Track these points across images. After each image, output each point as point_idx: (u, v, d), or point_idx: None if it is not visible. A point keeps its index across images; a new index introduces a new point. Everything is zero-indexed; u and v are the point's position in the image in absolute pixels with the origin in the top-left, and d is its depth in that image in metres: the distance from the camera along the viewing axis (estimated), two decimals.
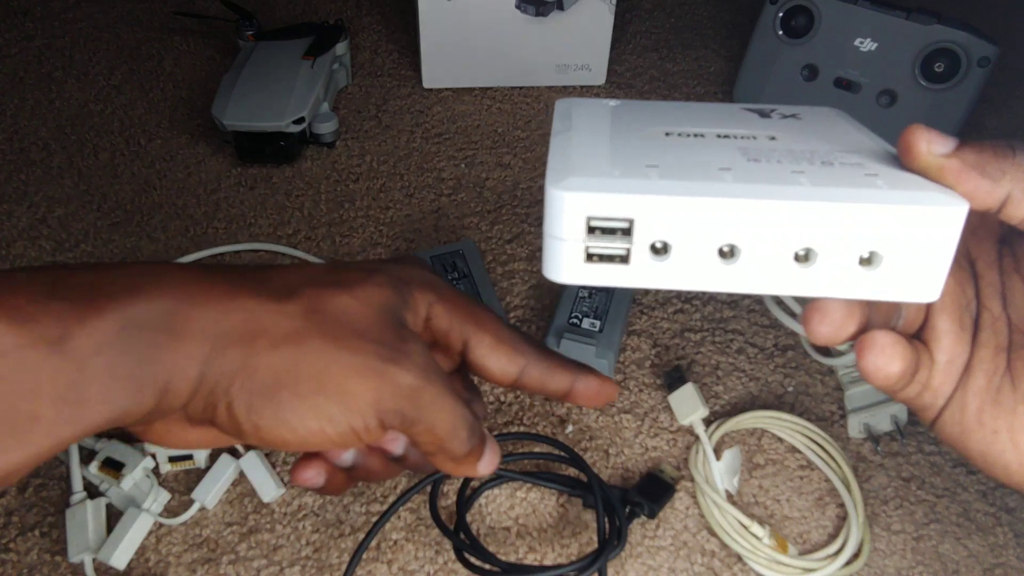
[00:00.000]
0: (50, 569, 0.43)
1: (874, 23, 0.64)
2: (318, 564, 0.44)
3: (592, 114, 0.30)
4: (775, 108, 0.31)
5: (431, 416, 0.27)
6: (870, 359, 0.25)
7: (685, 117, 0.30)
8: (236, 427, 0.25)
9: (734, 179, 0.23)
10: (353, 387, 0.26)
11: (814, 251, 0.23)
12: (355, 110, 0.74)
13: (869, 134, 0.28)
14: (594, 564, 0.40)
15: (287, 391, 0.25)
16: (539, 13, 0.71)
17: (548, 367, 0.31)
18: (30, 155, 0.68)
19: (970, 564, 0.44)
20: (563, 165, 0.24)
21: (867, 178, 0.23)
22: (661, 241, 0.23)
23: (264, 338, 0.25)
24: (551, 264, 0.24)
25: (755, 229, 0.23)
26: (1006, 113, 0.75)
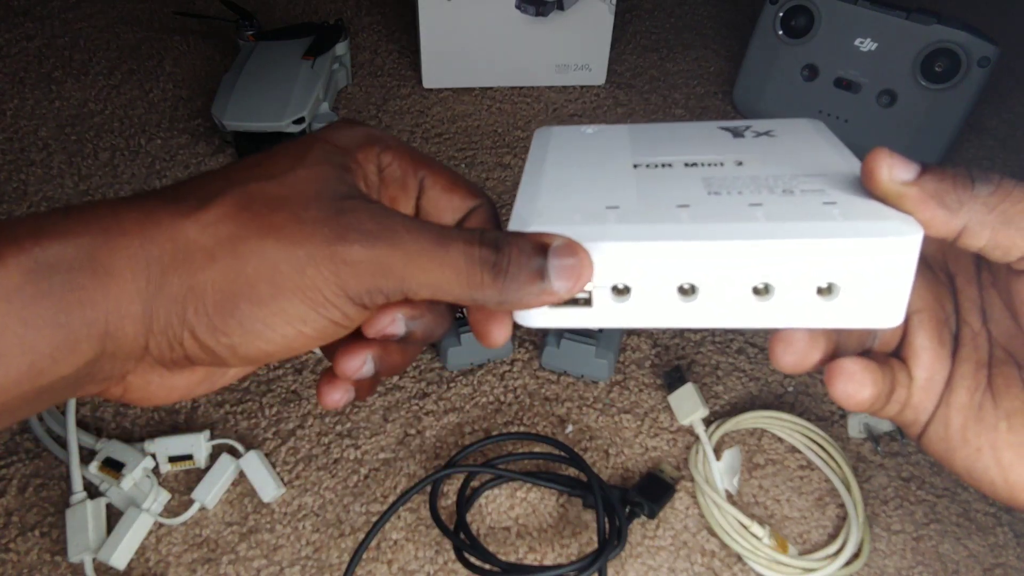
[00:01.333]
0: (50, 569, 0.43)
1: (874, 23, 0.64)
2: (318, 564, 0.44)
3: (566, 147, 0.31)
4: (750, 125, 0.31)
5: (420, 276, 0.23)
6: (839, 387, 0.25)
7: (657, 144, 0.30)
8: (212, 354, 0.24)
9: (690, 218, 0.23)
10: (311, 280, 0.23)
11: (772, 285, 0.23)
12: (355, 110, 0.74)
13: (840, 149, 0.29)
14: (594, 564, 0.40)
15: (244, 302, 0.23)
16: (539, 13, 0.71)
17: (496, 213, 0.29)
18: (30, 155, 0.68)
19: (970, 564, 0.44)
20: (526, 212, 0.25)
21: (824, 208, 0.23)
22: (621, 283, 0.24)
23: (199, 253, 0.23)
24: (519, 311, 0.25)
25: (711, 268, 0.23)
26: (1006, 113, 0.75)
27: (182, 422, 0.49)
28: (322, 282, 0.23)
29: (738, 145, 0.29)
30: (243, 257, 0.23)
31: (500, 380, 0.52)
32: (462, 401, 0.51)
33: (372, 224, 0.24)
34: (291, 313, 0.23)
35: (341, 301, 0.23)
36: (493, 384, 0.52)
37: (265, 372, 0.52)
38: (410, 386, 0.52)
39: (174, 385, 0.26)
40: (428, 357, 0.53)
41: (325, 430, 0.49)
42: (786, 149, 0.29)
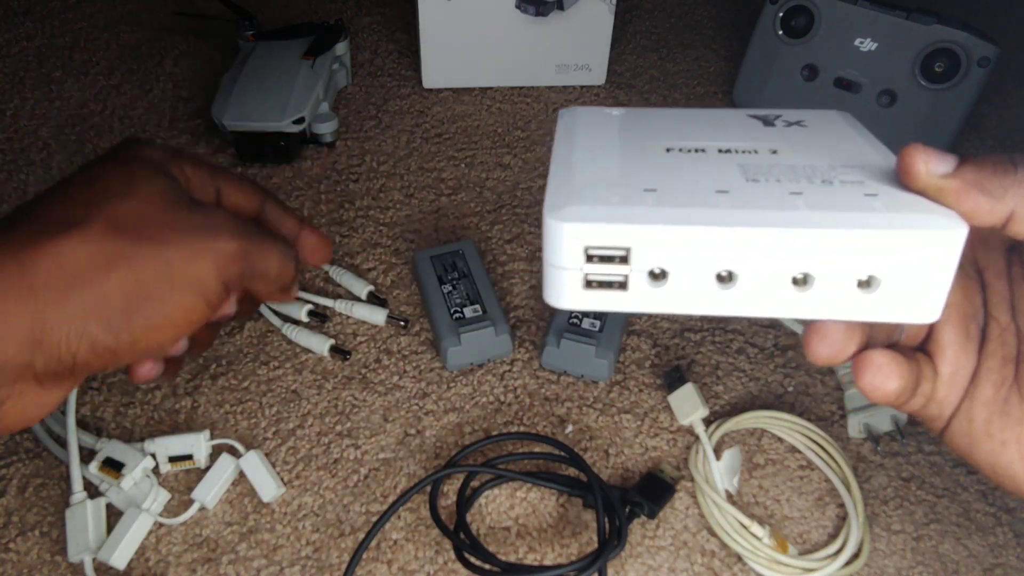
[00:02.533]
0: (50, 569, 0.43)
1: (874, 23, 0.64)
2: (318, 564, 0.44)
3: (594, 127, 0.30)
4: (780, 115, 0.31)
5: (263, 265, 0.30)
6: (867, 379, 0.25)
7: (688, 129, 0.30)
8: (109, 355, 0.26)
9: (730, 203, 0.23)
10: (199, 271, 0.28)
11: (812, 276, 0.23)
12: (355, 110, 0.74)
13: (873, 142, 0.28)
14: (594, 564, 0.40)
15: (147, 300, 0.27)
16: (539, 13, 0.71)
17: (283, 209, 0.35)
18: (30, 155, 0.68)
19: (970, 564, 0.44)
20: (562, 192, 0.24)
21: (866, 199, 0.23)
22: (658, 268, 0.23)
23: (94, 269, 0.26)
24: (551, 291, 0.25)
25: (751, 255, 0.23)
26: (1006, 113, 0.75)
27: (182, 422, 0.49)
28: (207, 272, 0.28)
29: (770, 134, 0.29)
30: (140, 264, 0.27)
31: (500, 380, 0.52)
32: (462, 401, 0.51)
33: (235, 223, 0.29)
34: (185, 303, 0.28)
35: (218, 286, 0.28)
36: (493, 384, 0.52)
37: (265, 372, 0.52)
38: (410, 386, 0.52)
39: (46, 401, 0.28)
40: (428, 357, 0.53)
41: (325, 430, 0.49)
42: (819, 139, 0.28)
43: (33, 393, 0.27)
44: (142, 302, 0.27)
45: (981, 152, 0.71)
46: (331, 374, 0.52)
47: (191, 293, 0.28)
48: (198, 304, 0.28)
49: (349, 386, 0.52)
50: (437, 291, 0.54)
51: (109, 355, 0.26)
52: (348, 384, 0.52)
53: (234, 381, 0.51)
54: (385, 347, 0.54)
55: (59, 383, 0.27)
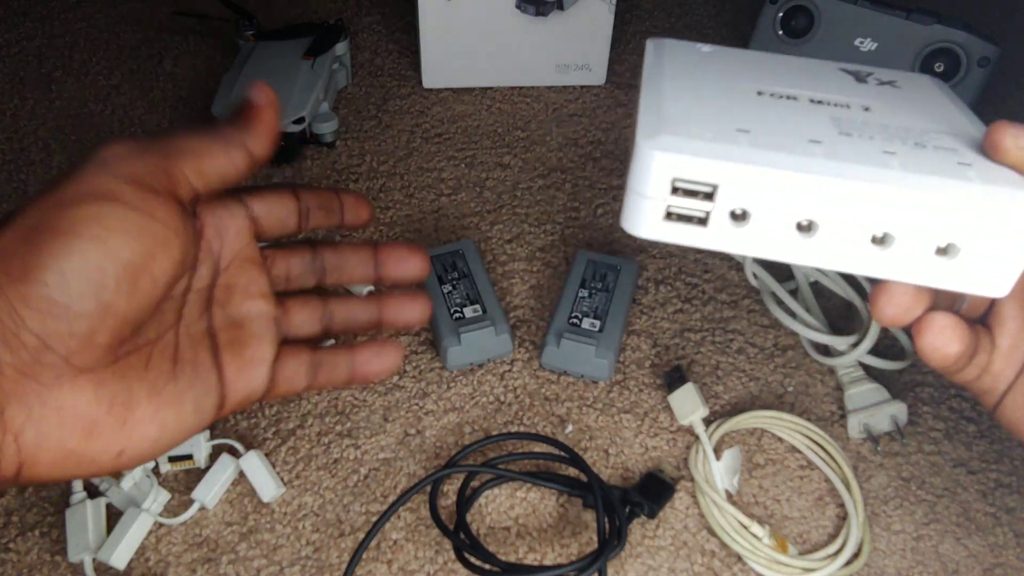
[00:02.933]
0: (50, 569, 0.43)
1: (874, 23, 0.64)
2: (318, 564, 0.44)
3: (684, 61, 0.29)
4: (872, 72, 0.30)
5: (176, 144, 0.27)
6: (928, 339, 0.25)
7: (779, 74, 0.29)
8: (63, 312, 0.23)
9: (823, 154, 0.23)
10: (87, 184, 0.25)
11: (892, 236, 0.23)
12: (355, 110, 0.74)
13: (966, 112, 0.28)
14: (594, 564, 0.40)
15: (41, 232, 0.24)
16: (539, 13, 0.71)
17: None
18: (30, 155, 0.68)
19: (970, 564, 0.44)
20: (655, 119, 0.24)
21: (959, 167, 0.23)
22: (742, 208, 0.23)
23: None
24: (630, 218, 0.24)
25: (838, 208, 0.22)
26: (1006, 113, 0.75)
27: None
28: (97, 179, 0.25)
29: (862, 90, 0.28)
30: (26, 208, 0.24)
31: (500, 380, 0.52)
32: (462, 401, 0.51)
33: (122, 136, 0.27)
34: (86, 214, 0.24)
35: (123, 185, 0.25)
36: (493, 384, 0.52)
37: None
38: (410, 386, 0.52)
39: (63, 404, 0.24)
40: (428, 357, 0.53)
41: (325, 430, 0.49)
42: (912, 102, 0.28)
43: (33, 392, 0.24)
44: (37, 236, 0.23)
45: None
46: None
47: (90, 204, 0.24)
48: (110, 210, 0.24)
49: (349, 386, 0.52)
50: (437, 291, 0.54)
51: (61, 309, 0.23)
52: None
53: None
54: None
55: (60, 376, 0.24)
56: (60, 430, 0.24)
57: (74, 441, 0.25)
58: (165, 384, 0.27)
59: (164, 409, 0.27)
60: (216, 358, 0.30)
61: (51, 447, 0.24)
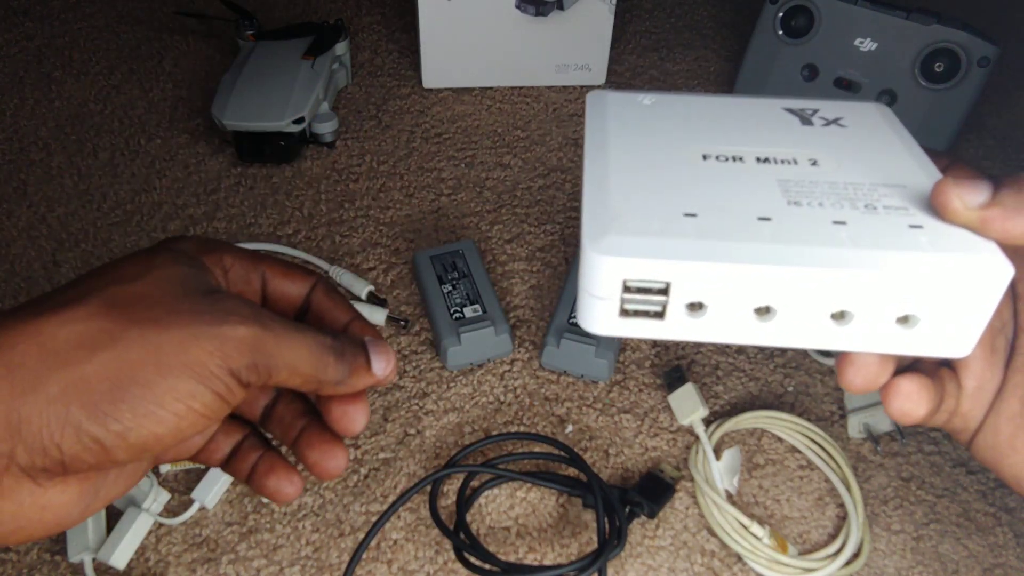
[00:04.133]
0: (50, 569, 0.43)
1: (874, 23, 0.64)
2: (318, 564, 0.44)
3: (627, 121, 0.29)
4: (817, 109, 0.30)
5: (284, 355, 0.26)
6: (896, 406, 0.25)
7: (722, 127, 0.29)
8: (97, 447, 0.23)
9: (772, 236, 0.23)
10: (196, 356, 0.24)
11: (851, 313, 0.23)
12: (355, 110, 0.74)
13: (912, 147, 0.28)
14: (594, 564, 0.40)
15: (135, 386, 0.24)
16: (539, 13, 0.71)
17: (334, 298, 0.32)
18: (30, 155, 0.68)
19: (970, 564, 0.44)
20: (600, 214, 0.24)
21: (910, 232, 0.23)
22: (697, 301, 0.23)
23: (77, 350, 0.23)
24: (586, 317, 0.24)
25: (791, 292, 0.22)
26: (1006, 113, 0.75)
27: None
28: (207, 357, 0.24)
29: (808, 136, 0.28)
30: (126, 345, 0.24)
31: (500, 380, 0.52)
32: (462, 401, 0.51)
33: (247, 309, 0.26)
34: (180, 389, 0.24)
35: (224, 374, 0.25)
36: (493, 384, 0.52)
37: None
38: (410, 386, 0.52)
39: (47, 504, 0.25)
40: (428, 357, 0.53)
41: None
42: (859, 145, 0.27)
43: (26, 490, 0.24)
44: (128, 387, 0.23)
45: (981, 152, 0.71)
46: None
47: (188, 380, 0.24)
48: (200, 392, 0.24)
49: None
50: (437, 291, 0.54)
51: (99, 448, 0.23)
52: None
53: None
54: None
55: (53, 480, 0.24)
56: (36, 525, 0.25)
57: (40, 532, 0.25)
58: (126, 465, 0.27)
59: (122, 483, 0.27)
60: None
61: (19, 536, 0.25)
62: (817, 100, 0.31)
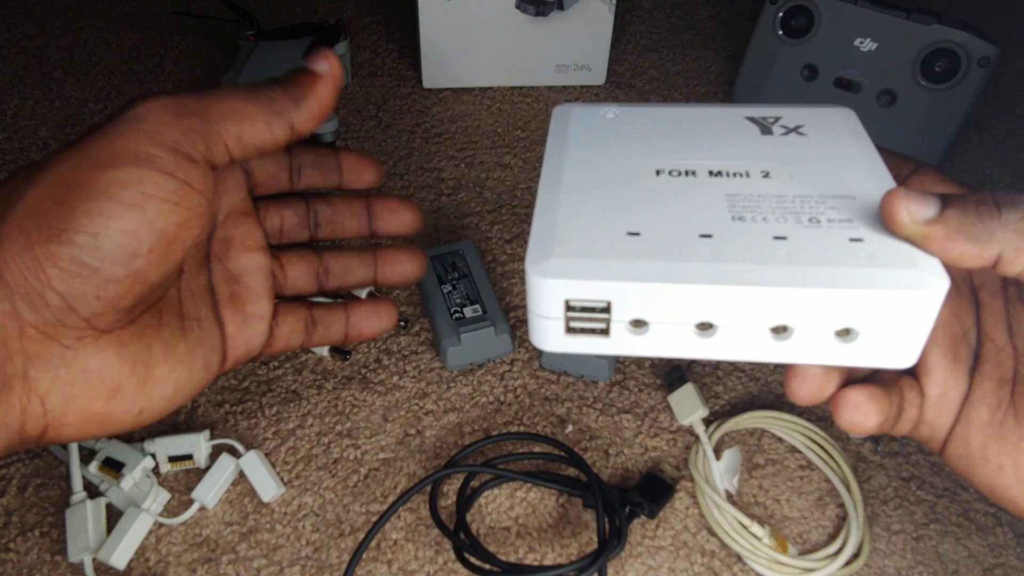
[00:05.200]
0: (50, 569, 0.43)
1: (874, 23, 0.64)
2: (318, 564, 0.44)
3: (587, 136, 0.30)
4: (780, 117, 0.30)
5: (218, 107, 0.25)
6: (844, 417, 0.25)
7: (681, 138, 0.29)
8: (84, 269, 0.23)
9: (711, 254, 0.23)
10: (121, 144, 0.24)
11: (790, 327, 0.23)
12: (355, 110, 0.74)
13: (871, 155, 0.27)
14: (594, 564, 0.40)
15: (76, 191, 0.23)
16: (539, 13, 0.71)
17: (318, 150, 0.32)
18: (30, 155, 0.68)
19: (970, 564, 0.44)
20: (545, 236, 0.24)
21: (850, 247, 0.23)
22: (639, 318, 0.24)
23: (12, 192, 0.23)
24: (536, 335, 0.25)
25: (729, 310, 0.23)
26: (1006, 113, 0.75)
27: (182, 422, 0.49)
28: (132, 142, 0.24)
29: (765, 145, 0.28)
30: (54, 167, 0.23)
31: (500, 380, 0.52)
32: (462, 401, 0.51)
33: (159, 93, 0.25)
34: (122, 178, 0.23)
35: (161, 151, 0.24)
36: (493, 384, 0.52)
37: (265, 372, 0.52)
38: (410, 386, 0.52)
39: (86, 366, 0.24)
40: (428, 357, 0.53)
41: (325, 430, 0.49)
42: (815, 156, 0.28)
43: (55, 354, 0.23)
44: (70, 195, 0.23)
45: (981, 152, 0.71)
46: (331, 374, 0.52)
47: (124, 168, 0.23)
48: (146, 177, 0.23)
49: (349, 386, 0.52)
50: (437, 291, 0.54)
51: (86, 270, 0.23)
52: (348, 384, 0.52)
53: (234, 381, 0.52)
54: (385, 347, 0.54)
55: (83, 340, 0.24)
56: (86, 392, 0.24)
57: (99, 403, 0.25)
58: (177, 341, 0.27)
59: (178, 366, 0.27)
60: (217, 313, 0.29)
61: (78, 409, 0.24)
62: (781, 107, 0.31)
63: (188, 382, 0.27)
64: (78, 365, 0.24)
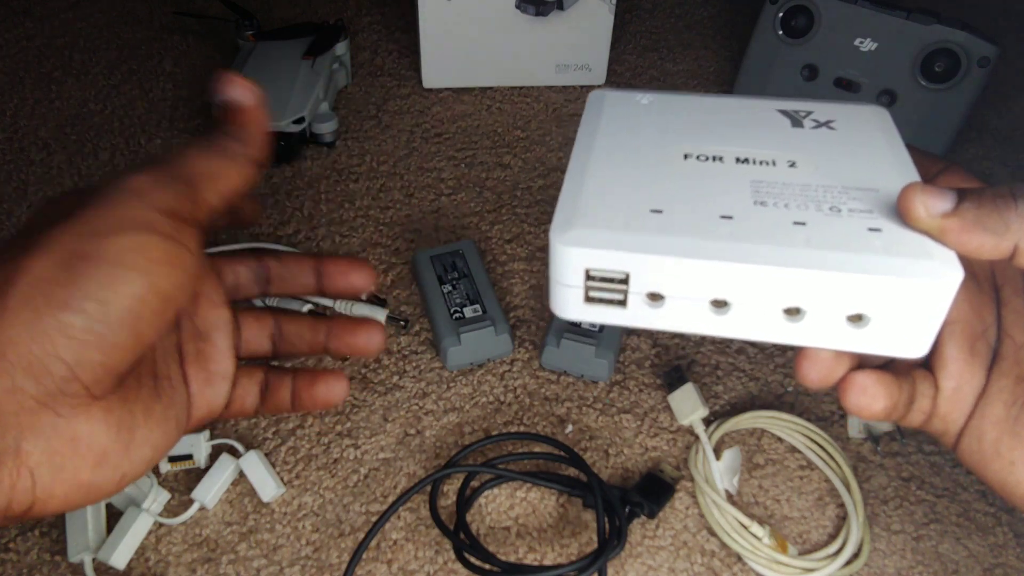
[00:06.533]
0: (50, 569, 0.43)
1: (874, 23, 0.64)
2: (318, 564, 0.44)
3: (620, 120, 0.30)
4: (811, 111, 0.30)
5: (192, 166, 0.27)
6: (851, 400, 0.26)
7: (713, 126, 0.29)
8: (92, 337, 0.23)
9: (730, 234, 0.23)
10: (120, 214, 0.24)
11: (803, 310, 0.23)
12: (355, 110, 0.74)
13: (899, 151, 0.28)
14: (594, 564, 0.40)
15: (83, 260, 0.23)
16: (539, 13, 0.71)
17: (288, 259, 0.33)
18: (30, 155, 0.68)
19: (970, 564, 0.44)
20: (570, 207, 0.25)
21: (867, 236, 0.23)
22: (656, 291, 0.24)
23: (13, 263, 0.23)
24: (556, 303, 0.26)
25: (744, 288, 0.23)
26: (1006, 113, 0.75)
27: None
28: (131, 210, 0.24)
29: (795, 137, 0.29)
30: (55, 237, 0.24)
31: (500, 380, 0.52)
32: (462, 401, 0.51)
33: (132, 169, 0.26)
34: (126, 244, 0.24)
35: (155, 215, 0.25)
36: (493, 384, 0.52)
37: None
38: (410, 386, 0.52)
39: (76, 435, 0.24)
40: (428, 357, 0.53)
41: (325, 430, 0.49)
42: (843, 149, 0.28)
43: (47, 424, 0.23)
44: (77, 264, 0.23)
45: (981, 152, 0.71)
46: None
47: (126, 235, 0.24)
48: (148, 242, 0.24)
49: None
50: (437, 291, 0.54)
51: (94, 338, 0.23)
52: None
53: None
54: (385, 347, 0.54)
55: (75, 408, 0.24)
56: (74, 461, 0.24)
57: (87, 472, 0.24)
58: (154, 403, 0.27)
59: (156, 429, 0.27)
60: (183, 372, 0.30)
61: (66, 479, 0.24)
62: (814, 102, 0.31)
63: (163, 443, 0.27)
64: (68, 434, 0.24)
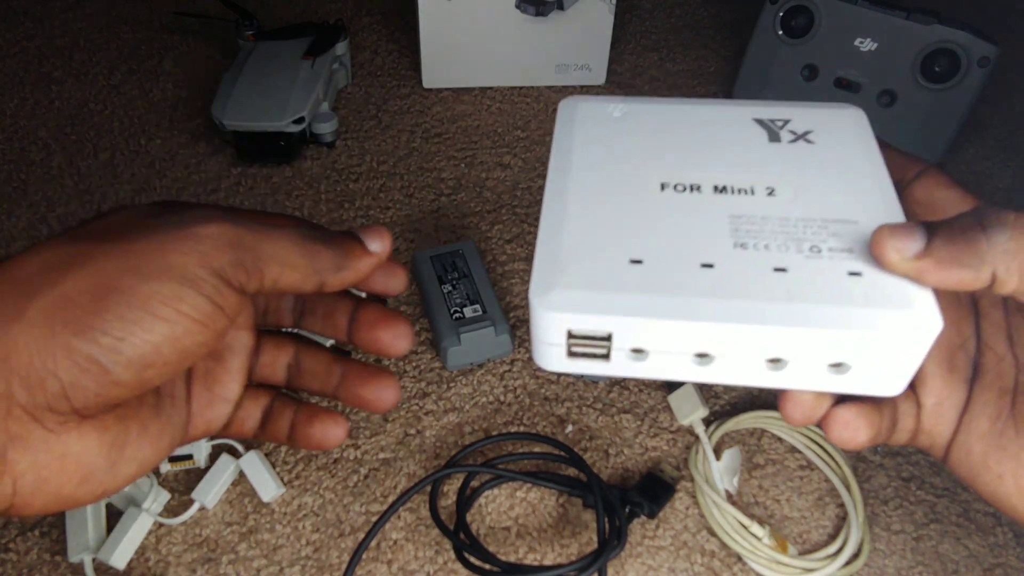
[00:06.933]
0: (50, 569, 0.43)
1: (874, 23, 0.64)
2: (318, 564, 0.44)
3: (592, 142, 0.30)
4: (788, 120, 0.30)
5: (267, 248, 0.25)
6: (835, 435, 0.26)
7: (687, 146, 0.29)
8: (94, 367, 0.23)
9: (711, 289, 0.24)
10: (173, 259, 0.24)
11: (785, 360, 0.24)
12: (355, 110, 0.74)
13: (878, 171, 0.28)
14: (594, 564, 0.40)
15: (116, 294, 0.23)
16: (539, 13, 0.71)
17: None
18: (30, 155, 0.68)
19: (970, 564, 0.44)
20: (548, 268, 0.25)
21: (848, 281, 0.23)
22: (639, 348, 0.24)
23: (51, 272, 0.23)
24: (539, 356, 0.26)
25: (727, 343, 0.24)
26: (1006, 113, 0.75)
27: None
28: (185, 259, 0.24)
29: (772, 157, 0.28)
30: (100, 260, 0.23)
31: (500, 380, 0.52)
32: (462, 401, 0.51)
33: (218, 212, 0.25)
34: (164, 292, 0.23)
35: (207, 274, 0.24)
36: (493, 384, 0.52)
37: None
38: (410, 386, 0.52)
39: (65, 452, 0.24)
40: (428, 357, 0.53)
41: None
42: (821, 171, 0.28)
43: (37, 437, 0.23)
44: (109, 296, 0.23)
45: (981, 152, 0.71)
46: None
47: (170, 283, 0.23)
48: (187, 295, 0.23)
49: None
50: (437, 291, 0.54)
51: (96, 368, 0.23)
52: None
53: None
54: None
55: (66, 425, 0.23)
56: (60, 476, 0.24)
57: (70, 487, 0.24)
58: (152, 420, 0.27)
59: (147, 447, 0.27)
60: (188, 389, 0.29)
61: (48, 492, 0.24)
62: (790, 106, 0.31)
63: (151, 460, 0.27)
64: (58, 450, 0.24)
